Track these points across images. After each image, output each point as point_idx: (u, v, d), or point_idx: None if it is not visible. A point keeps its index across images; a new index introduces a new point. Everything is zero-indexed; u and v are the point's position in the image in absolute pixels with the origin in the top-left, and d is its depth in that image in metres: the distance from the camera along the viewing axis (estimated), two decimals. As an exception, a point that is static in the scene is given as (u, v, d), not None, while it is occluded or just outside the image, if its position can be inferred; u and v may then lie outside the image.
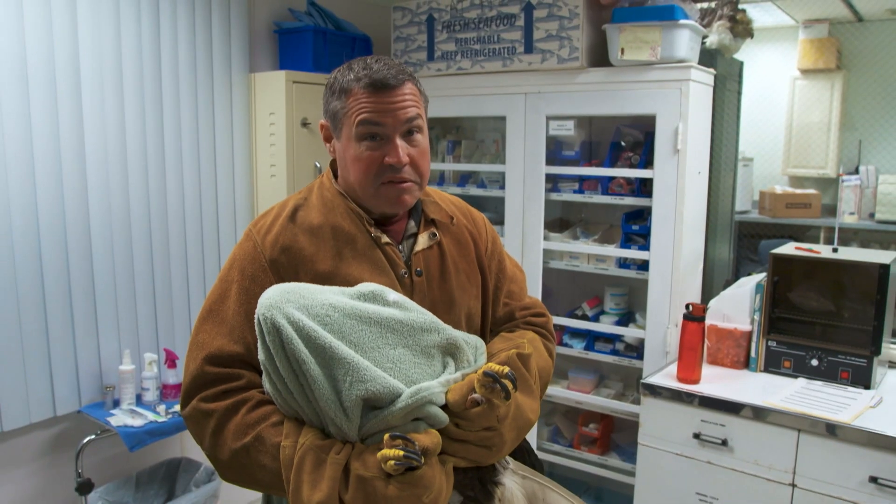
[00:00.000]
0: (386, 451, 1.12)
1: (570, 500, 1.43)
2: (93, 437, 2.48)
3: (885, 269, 2.24)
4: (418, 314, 1.26)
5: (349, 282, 1.30)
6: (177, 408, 2.56)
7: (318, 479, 1.14)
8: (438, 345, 1.25)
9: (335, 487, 1.13)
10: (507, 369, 1.19)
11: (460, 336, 1.30)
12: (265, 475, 1.20)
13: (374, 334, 1.20)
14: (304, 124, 2.94)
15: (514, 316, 1.55)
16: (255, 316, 1.19)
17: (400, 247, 1.41)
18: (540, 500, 1.40)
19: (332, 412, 1.15)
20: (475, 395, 1.19)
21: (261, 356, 1.20)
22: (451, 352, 1.27)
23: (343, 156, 1.35)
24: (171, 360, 2.66)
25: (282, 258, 1.32)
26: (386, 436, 1.14)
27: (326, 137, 1.41)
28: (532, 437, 2.97)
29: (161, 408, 2.55)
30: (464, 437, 1.22)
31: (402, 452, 1.11)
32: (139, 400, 2.62)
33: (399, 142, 1.32)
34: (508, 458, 1.43)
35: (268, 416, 1.22)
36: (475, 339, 1.36)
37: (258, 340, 1.20)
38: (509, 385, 1.18)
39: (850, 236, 4.34)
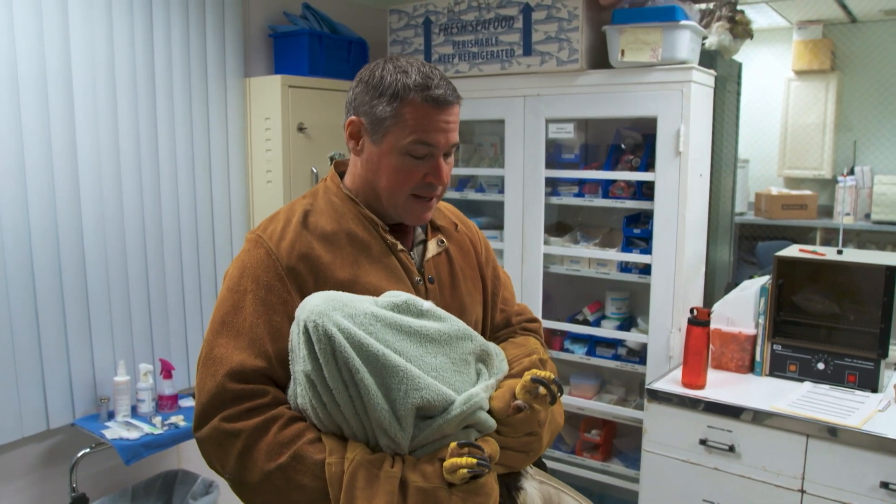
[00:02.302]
0: (457, 460, 1.12)
1: (582, 503, 1.43)
2: (87, 450, 2.43)
3: (892, 270, 2.22)
4: (453, 322, 1.25)
5: (368, 290, 1.27)
6: (173, 419, 2.51)
7: (372, 496, 1.10)
8: (473, 352, 1.26)
9: (392, 502, 1.10)
10: (553, 375, 1.22)
11: (489, 343, 1.32)
12: (303, 496, 1.14)
13: (414, 344, 1.19)
14: (301, 129, 2.89)
15: (510, 322, 1.55)
16: (301, 324, 1.15)
17: (411, 253, 1.40)
18: (556, 503, 1.40)
19: (385, 422, 1.12)
20: (518, 402, 1.21)
21: (305, 367, 1.15)
22: (483, 359, 1.29)
23: (378, 161, 1.31)
24: (166, 371, 2.61)
25: (300, 266, 1.27)
26: (453, 444, 1.14)
27: (353, 135, 1.34)
28: (534, 444, 2.93)
29: (157, 419, 2.50)
30: (505, 444, 1.23)
31: (474, 460, 1.11)
32: (134, 411, 2.56)
33: (442, 162, 1.32)
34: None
35: (303, 433, 1.17)
36: (495, 346, 1.37)
37: (303, 350, 1.15)
38: (555, 389, 1.22)
39: (846, 237, 4.33)
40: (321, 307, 1.14)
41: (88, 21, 2.40)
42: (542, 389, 1.21)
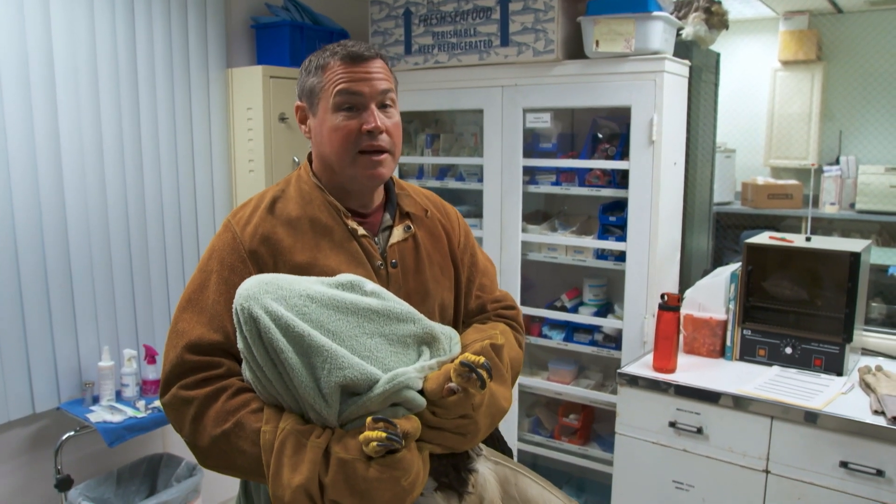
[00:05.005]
0: (368, 434, 1.15)
1: (542, 484, 1.46)
2: (72, 433, 2.48)
3: (856, 257, 2.26)
4: (395, 304, 1.28)
5: (326, 273, 1.32)
6: (157, 403, 2.57)
7: (298, 463, 1.16)
8: (414, 334, 1.28)
9: (315, 470, 1.15)
10: (482, 359, 1.23)
11: (437, 327, 1.33)
12: (245, 461, 1.21)
13: (351, 323, 1.22)
14: (282, 119, 2.94)
15: (485, 308, 1.58)
16: (233, 307, 1.21)
17: (376, 239, 1.44)
18: (512, 485, 1.43)
19: (311, 398, 1.17)
20: (451, 384, 1.22)
21: (239, 345, 1.22)
22: (426, 341, 1.30)
23: (320, 130, 1.39)
24: (150, 356, 2.66)
25: (261, 249, 1.34)
26: (368, 419, 1.17)
27: (302, 119, 1.44)
28: (513, 429, 2.99)
29: (141, 403, 2.55)
30: (439, 425, 1.25)
31: (384, 434, 1.14)
32: (119, 396, 2.62)
33: (375, 110, 1.37)
34: (482, 445, 1.46)
35: (248, 403, 1.24)
36: (449, 330, 1.39)
37: (237, 330, 1.22)
38: (485, 374, 1.22)
39: (830, 226, 4.37)
40: (251, 290, 1.20)
41: (70, 12, 2.44)
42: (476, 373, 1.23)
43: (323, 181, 1.43)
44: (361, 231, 1.40)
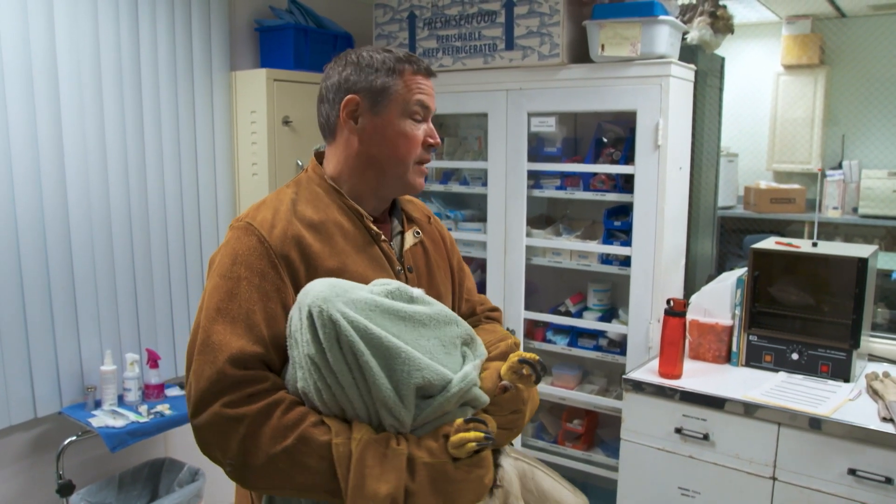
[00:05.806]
0: (464, 435, 1.19)
1: (553, 476, 1.49)
2: (74, 438, 2.47)
3: (863, 262, 2.25)
4: (440, 308, 1.31)
5: (355, 279, 1.30)
6: (159, 407, 2.55)
7: (383, 472, 1.14)
8: (460, 336, 1.32)
9: (402, 478, 1.15)
10: (537, 357, 1.30)
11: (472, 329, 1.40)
12: (307, 477, 1.16)
13: (408, 328, 1.24)
14: (286, 122, 2.93)
15: (475, 311, 1.62)
16: (306, 309, 1.17)
17: (391, 244, 1.44)
18: (529, 479, 1.46)
19: (390, 402, 1.17)
20: (504, 382, 1.31)
21: (309, 350, 1.17)
22: (467, 343, 1.35)
23: (383, 131, 1.37)
24: (152, 361, 2.65)
25: (292, 253, 1.29)
26: (459, 420, 1.22)
27: (352, 113, 1.37)
28: (517, 434, 2.97)
29: (143, 408, 2.54)
30: None
31: (482, 434, 1.19)
32: (121, 400, 2.60)
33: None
34: None
35: (305, 417, 1.19)
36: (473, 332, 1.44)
37: (306, 335, 1.17)
38: (540, 370, 1.30)
39: (833, 231, 4.37)
40: (325, 293, 1.17)
41: (73, 13, 2.43)
42: (525, 370, 1.29)
43: (345, 186, 1.40)
44: (383, 236, 1.40)
